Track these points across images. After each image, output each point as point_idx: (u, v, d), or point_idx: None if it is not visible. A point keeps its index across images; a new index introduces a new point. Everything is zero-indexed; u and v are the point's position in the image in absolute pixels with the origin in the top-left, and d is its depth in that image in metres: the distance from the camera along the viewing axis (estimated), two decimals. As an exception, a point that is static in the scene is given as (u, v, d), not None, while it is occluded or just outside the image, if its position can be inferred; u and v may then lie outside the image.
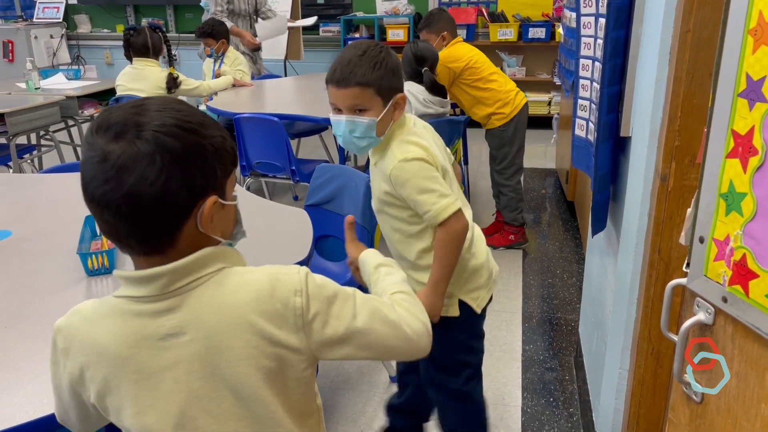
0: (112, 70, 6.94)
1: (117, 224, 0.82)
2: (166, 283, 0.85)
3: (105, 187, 0.79)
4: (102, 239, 1.68)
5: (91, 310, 0.92)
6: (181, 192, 0.82)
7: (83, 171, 0.82)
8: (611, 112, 1.70)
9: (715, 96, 0.79)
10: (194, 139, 0.83)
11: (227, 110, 3.64)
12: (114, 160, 0.79)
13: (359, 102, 1.47)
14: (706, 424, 0.86)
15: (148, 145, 0.80)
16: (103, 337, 0.88)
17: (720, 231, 0.78)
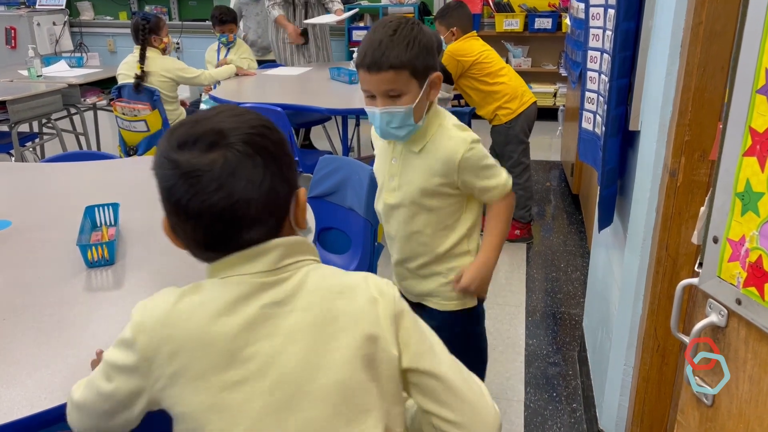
0: (115, 57, 6.90)
1: (225, 231, 0.84)
2: (279, 256, 0.86)
3: (214, 198, 0.81)
4: (102, 230, 1.67)
5: (183, 288, 0.90)
6: (283, 187, 0.86)
7: (176, 189, 0.83)
8: (620, 105, 1.67)
9: (732, 92, 0.77)
10: (276, 136, 0.87)
11: (230, 99, 3.61)
12: (219, 170, 0.81)
13: (394, 86, 1.39)
14: (716, 428, 0.84)
15: (246, 147, 0.83)
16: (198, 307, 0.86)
17: (735, 231, 0.76)
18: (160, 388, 0.86)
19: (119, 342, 0.90)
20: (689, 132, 1.52)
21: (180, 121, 0.89)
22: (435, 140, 1.49)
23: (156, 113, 3.76)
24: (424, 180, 1.52)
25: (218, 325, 0.84)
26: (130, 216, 1.82)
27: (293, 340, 0.85)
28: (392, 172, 1.58)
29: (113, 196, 1.86)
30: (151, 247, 1.65)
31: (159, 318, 0.86)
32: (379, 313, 0.88)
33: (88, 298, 1.41)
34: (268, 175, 0.84)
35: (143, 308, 0.88)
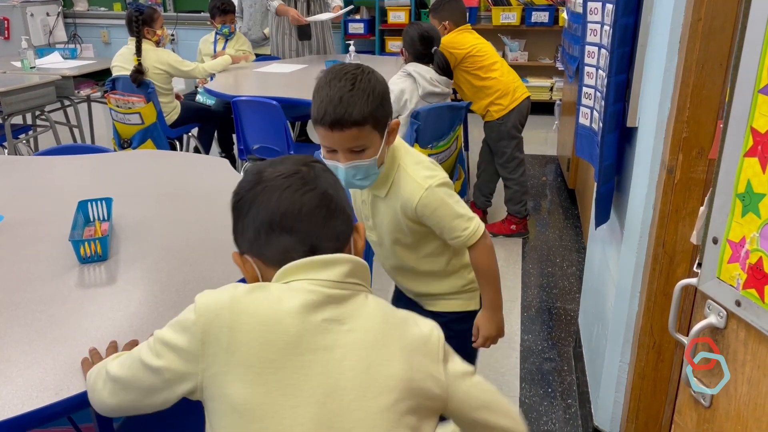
0: (109, 49, 6.85)
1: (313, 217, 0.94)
2: (347, 272, 0.93)
3: (304, 189, 0.95)
4: (95, 226, 1.65)
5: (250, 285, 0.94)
6: (346, 211, 0.99)
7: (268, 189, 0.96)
8: (618, 101, 1.66)
9: (733, 91, 0.76)
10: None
11: (225, 92, 3.58)
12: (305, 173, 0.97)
13: (358, 142, 1.33)
14: (713, 429, 0.84)
15: (322, 170, 1.00)
16: (263, 303, 0.89)
17: (735, 232, 0.75)
18: (210, 374, 0.87)
19: (176, 322, 0.91)
20: (687, 129, 1.52)
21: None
22: (396, 184, 1.46)
23: (150, 106, 3.73)
24: (394, 222, 1.52)
25: (283, 325, 0.87)
26: (124, 211, 1.80)
27: (349, 358, 0.87)
28: (365, 214, 1.57)
29: (107, 191, 1.84)
30: (144, 243, 1.63)
31: (224, 305, 0.88)
32: (429, 351, 0.93)
33: (81, 295, 1.39)
34: (339, 193, 0.99)
35: (209, 294, 0.91)
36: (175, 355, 0.89)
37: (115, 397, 0.98)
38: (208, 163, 2.36)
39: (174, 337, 0.90)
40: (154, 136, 3.81)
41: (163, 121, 3.85)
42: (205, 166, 2.30)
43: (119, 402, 0.98)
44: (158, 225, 1.75)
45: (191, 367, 0.88)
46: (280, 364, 0.85)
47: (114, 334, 1.25)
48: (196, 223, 1.76)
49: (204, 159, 2.49)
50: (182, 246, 1.62)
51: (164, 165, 2.31)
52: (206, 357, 0.87)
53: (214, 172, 2.21)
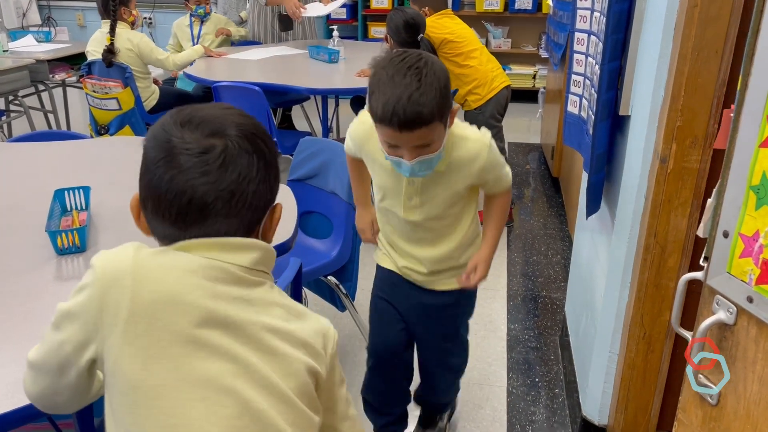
0: (85, 32, 6.68)
1: (198, 215, 0.83)
2: (257, 259, 0.86)
3: (202, 180, 0.81)
4: (73, 215, 1.59)
5: (150, 249, 0.86)
6: (266, 194, 0.87)
7: (165, 163, 0.82)
8: (611, 89, 1.63)
9: (748, 78, 0.73)
10: (273, 146, 0.89)
11: (205, 78, 3.50)
12: (216, 156, 0.81)
13: (426, 140, 1.30)
14: (720, 428, 0.82)
15: (248, 144, 0.84)
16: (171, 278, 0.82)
17: (748, 226, 0.72)
18: (108, 346, 0.81)
19: (75, 289, 0.85)
20: (681, 118, 1.49)
21: (187, 105, 0.88)
22: (456, 148, 1.43)
23: (128, 91, 3.64)
24: (450, 194, 1.49)
25: (190, 299, 0.80)
26: (103, 200, 1.74)
27: (257, 338, 0.83)
28: (410, 193, 1.49)
29: (84, 179, 1.77)
30: (124, 233, 1.57)
31: (126, 270, 0.81)
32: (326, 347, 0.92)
33: (59, 288, 1.34)
34: (259, 176, 0.85)
35: (107, 255, 0.83)
36: (74, 325, 0.84)
37: (33, 383, 0.92)
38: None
39: (71, 305, 0.84)
40: (132, 122, 3.71)
41: (142, 106, 3.75)
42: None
43: (41, 389, 0.92)
44: (139, 215, 1.69)
45: (90, 334, 0.82)
46: (186, 339, 0.80)
47: (94, 329, 1.19)
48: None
49: (185, 146, 2.41)
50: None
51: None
52: (104, 326, 0.81)
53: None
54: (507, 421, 2.09)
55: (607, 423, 1.89)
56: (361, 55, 4.10)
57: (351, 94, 3.81)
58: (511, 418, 2.10)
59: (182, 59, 3.91)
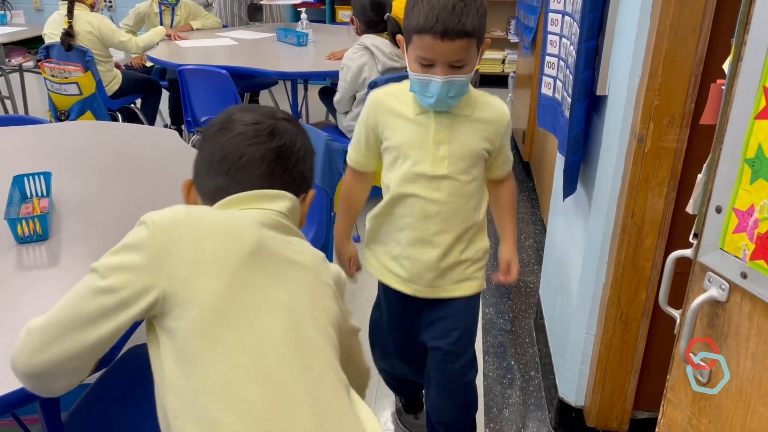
0: (41, 15, 6.45)
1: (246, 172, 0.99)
2: (290, 208, 1.00)
3: (253, 141, 0.99)
4: (33, 202, 1.51)
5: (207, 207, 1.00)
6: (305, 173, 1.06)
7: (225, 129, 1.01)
8: (587, 69, 1.61)
9: (742, 48, 0.70)
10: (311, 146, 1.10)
11: (171, 61, 3.40)
12: (266, 126, 1.01)
13: (463, 56, 1.28)
14: (711, 407, 0.80)
15: (294, 127, 1.05)
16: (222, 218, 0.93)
17: (743, 200, 0.71)
18: (178, 280, 0.85)
19: (124, 246, 0.88)
20: (659, 97, 1.48)
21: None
22: (480, 103, 1.44)
23: (89, 75, 3.51)
24: (476, 142, 1.44)
25: (244, 233, 0.90)
26: (64, 186, 1.66)
27: (302, 274, 0.96)
28: (438, 140, 1.41)
29: (44, 165, 1.69)
30: (88, 220, 1.51)
31: (181, 216, 0.90)
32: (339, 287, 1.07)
33: (20, 278, 1.27)
34: (300, 152, 1.04)
35: (158, 211, 0.91)
36: (130, 273, 0.85)
37: (44, 351, 0.85)
38: (154, 135, 2.22)
39: (124, 258, 0.87)
40: (93, 108, 3.59)
41: (103, 91, 3.63)
42: (152, 138, 2.16)
43: (51, 356, 0.85)
44: (102, 201, 1.62)
45: (152, 278, 0.85)
46: (248, 269, 0.88)
47: (59, 320, 1.13)
48: (143, 198, 1.65)
49: (150, 130, 2.34)
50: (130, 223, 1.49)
51: (107, 137, 2.16)
52: (170, 264, 0.85)
53: (161, 144, 2.08)
54: (484, 405, 2.08)
55: (583, 404, 1.89)
56: (330, 39, 4.04)
57: (321, 77, 3.74)
58: (488, 401, 2.10)
59: (145, 41, 3.79)
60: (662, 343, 1.74)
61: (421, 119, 1.42)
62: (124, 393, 1.41)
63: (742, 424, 0.77)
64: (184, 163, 1.92)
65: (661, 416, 0.92)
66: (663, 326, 1.71)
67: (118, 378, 1.44)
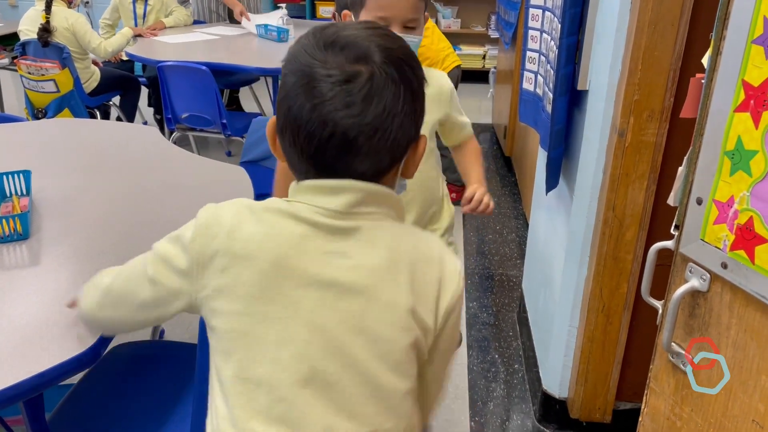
0: (17, 12, 6.34)
1: (338, 153, 0.76)
2: (356, 201, 0.79)
3: (344, 112, 0.74)
4: (13, 201, 1.49)
5: (255, 203, 0.83)
6: (411, 129, 0.79)
7: (309, 89, 0.75)
8: (569, 64, 1.63)
9: (721, 42, 0.72)
10: (421, 76, 0.81)
11: (147, 57, 3.37)
12: (361, 85, 0.74)
13: (416, 15, 1.38)
14: (693, 396, 0.82)
15: (394, 73, 0.76)
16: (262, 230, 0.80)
17: (723, 192, 0.72)
18: (203, 296, 0.82)
19: (176, 237, 0.85)
20: (638, 91, 1.50)
21: (327, 24, 0.81)
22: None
23: (66, 72, 3.46)
24: (433, 113, 1.46)
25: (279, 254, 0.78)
26: (44, 184, 1.64)
27: (346, 299, 0.78)
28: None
29: (23, 163, 1.67)
30: (69, 219, 1.49)
31: (224, 227, 0.80)
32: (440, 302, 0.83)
33: (1, 278, 1.25)
34: (404, 110, 0.77)
35: (213, 212, 0.82)
36: (171, 272, 0.84)
37: (103, 310, 0.94)
38: (134, 132, 2.20)
39: (172, 252, 0.84)
40: (71, 105, 3.55)
41: (81, 88, 3.59)
42: (131, 135, 2.14)
43: (110, 316, 0.94)
44: (84, 199, 1.60)
45: (185, 285, 0.83)
46: (272, 295, 0.78)
47: (42, 318, 1.13)
48: (125, 195, 1.63)
49: (130, 127, 2.31)
50: (112, 220, 1.49)
51: (86, 134, 2.14)
52: (202, 278, 0.81)
53: (141, 141, 2.06)
54: (469, 398, 2.09)
55: (567, 396, 1.91)
56: (311, 35, 4.02)
57: (302, 74, 3.72)
58: (473, 395, 2.11)
59: (113, 45, 3.74)
60: (644, 334, 1.77)
61: None
62: (108, 392, 1.40)
63: (724, 412, 0.78)
64: (164, 159, 1.90)
65: (644, 405, 0.93)
66: (644, 318, 1.74)
67: (102, 377, 1.43)
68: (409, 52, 0.81)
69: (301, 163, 0.80)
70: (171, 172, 1.82)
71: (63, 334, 1.09)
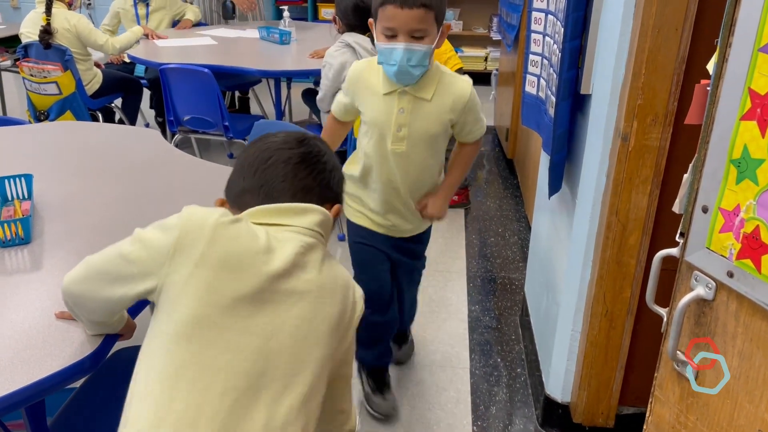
0: (19, 14, 6.35)
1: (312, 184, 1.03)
2: (318, 222, 1.00)
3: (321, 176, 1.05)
4: (15, 205, 1.49)
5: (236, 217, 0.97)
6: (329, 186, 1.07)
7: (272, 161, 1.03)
8: (572, 68, 1.62)
9: (727, 50, 0.71)
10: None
11: (152, 60, 3.37)
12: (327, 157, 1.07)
13: (422, 26, 1.46)
14: (699, 404, 0.81)
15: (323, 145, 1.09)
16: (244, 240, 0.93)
17: (729, 200, 0.72)
18: (171, 281, 0.90)
19: (159, 223, 0.94)
20: (642, 96, 1.50)
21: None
22: (443, 84, 1.60)
23: (68, 74, 3.46)
24: (436, 124, 1.63)
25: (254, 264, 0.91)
26: (46, 188, 1.64)
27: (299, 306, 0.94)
28: (400, 122, 1.62)
29: (25, 167, 1.67)
30: (70, 223, 1.49)
31: (210, 221, 0.91)
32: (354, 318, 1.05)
33: (2, 282, 1.25)
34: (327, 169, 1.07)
35: (197, 207, 0.94)
36: (147, 252, 0.92)
37: (77, 283, 0.99)
38: (136, 135, 2.20)
39: (152, 234, 0.93)
40: (73, 107, 3.54)
41: (83, 90, 3.59)
42: (134, 138, 2.14)
43: (81, 289, 1.00)
44: (85, 203, 1.60)
45: (157, 267, 0.91)
46: (239, 298, 0.89)
47: (44, 323, 1.12)
48: (127, 199, 1.63)
49: (132, 130, 2.31)
50: (114, 224, 1.49)
51: (88, 137, 2.14)
52: (173, 263, 0.89)
53: (143, 144, 2.06)
54: (471, 402, 2.09)
55: (569, 400, 1.91)
56: (313, 37, 4.02)
57: (304, 75, 3.73)
58: (475, 399, 2.11)
59: (122, 43, 3.74)
60: (647, 339, 1.76)
61: (387, 100, 1.62)
62: (109, 396, 1.40)
63: (729, 421, 0.78)
64: (166, 162, 1.90)
65: (649, 414, 0.93)
66: (648, 323, 1.73)
67: (104, 381, 1.43)
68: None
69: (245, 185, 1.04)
70: (173, 175, 1.82)
71: (65, 339, 1.09)
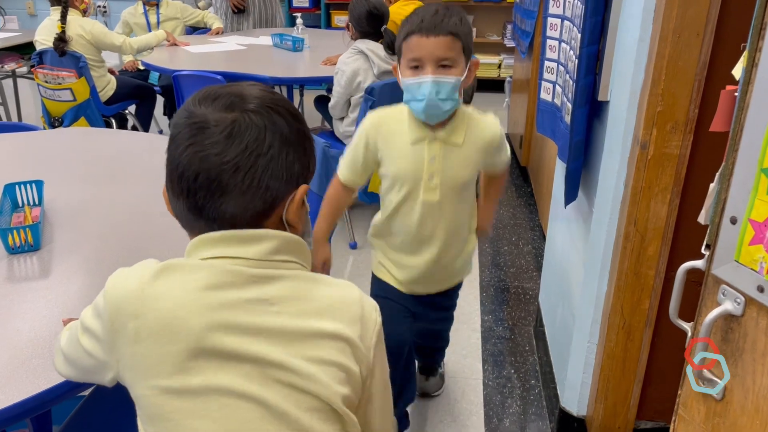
0: (35, 21, 6.41)
1: (206, 192, 0.79)
2: (273, 249, 0.81)
3: (206, 152, 0.78)
4: (25, 212, 1.48)
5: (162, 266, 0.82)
6: (281, 175, 0.81)
7: (178, 138, 0.81)
8: (589, 74, 1.59)
9: (756, 54, 0.68)
10: (300, 127, 0.84)
11: (165, 67, 3.37)
12: (223, 128, 0.79)
13: (450, 54, 1.39)
14: (726, 424, 0.78)
15: (260, 119, 0.80)
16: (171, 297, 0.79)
17: (759, 211, 0.68)
18: (122, 367, 0.81)
19: (93, 305, 0.85)
20: (662, 102, 1.46)
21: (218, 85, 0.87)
22: (472, 128, 1.54)
23: (83, 81, 3.48)
24: (469, 170, 1.56)
25: (194, 319, 0.77)
26: (57, 195, 1.63)
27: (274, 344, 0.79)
28: (431, 171, 1.53)
29: (37, 173, 1.66)
30: (81, 230, 1.47)
31: (132, 290, 0.79)
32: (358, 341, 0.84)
33: (10, 290, 1.24)
34: (270, 153, 0.80)
35: (118, 276, 0.82)
36: (94, 342, 0.84)
37: (66, 368, 0.93)
38: (148, 142, 2.19)
39: (91, 321, 0.84)
40: (87, 114, 3.56)
41: (97, 97, 3.60)
42: (146, 145, 2.13)
43: (70, 374, 0.93)
44: (96, 210, 1.59)
45: (107, 355, 0.82)
46: (191, 366, 0.77)
47: (53, 332, 1.11)
48: (137, 207, 1.61)
49: (144, 137, 2.31)
50: (123, 233, 1.47)
51: (101, 144, 2.13)
52: (118, 348, 0.80)
53: (156, 152, 2.04)
54: (484, 414, 2.05)
55: (585, 414, 1.86)
56: (325, 44, 4.01)
57: (317, 83, 3.72)
58: (488, 411, 2.07)
59: (140, 43, 3.76)
60: (666, 352, 1.71)
61: (416, 149, 1.52)
62: (116, 406, 1.38)
63: (759, 442, 0.74)
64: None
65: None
66: (667, 335, 1.69)
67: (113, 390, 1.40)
68: (287, 107, 0.84)
69: (182, 212, 0.83)
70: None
71: (71, 349, 1.07)
